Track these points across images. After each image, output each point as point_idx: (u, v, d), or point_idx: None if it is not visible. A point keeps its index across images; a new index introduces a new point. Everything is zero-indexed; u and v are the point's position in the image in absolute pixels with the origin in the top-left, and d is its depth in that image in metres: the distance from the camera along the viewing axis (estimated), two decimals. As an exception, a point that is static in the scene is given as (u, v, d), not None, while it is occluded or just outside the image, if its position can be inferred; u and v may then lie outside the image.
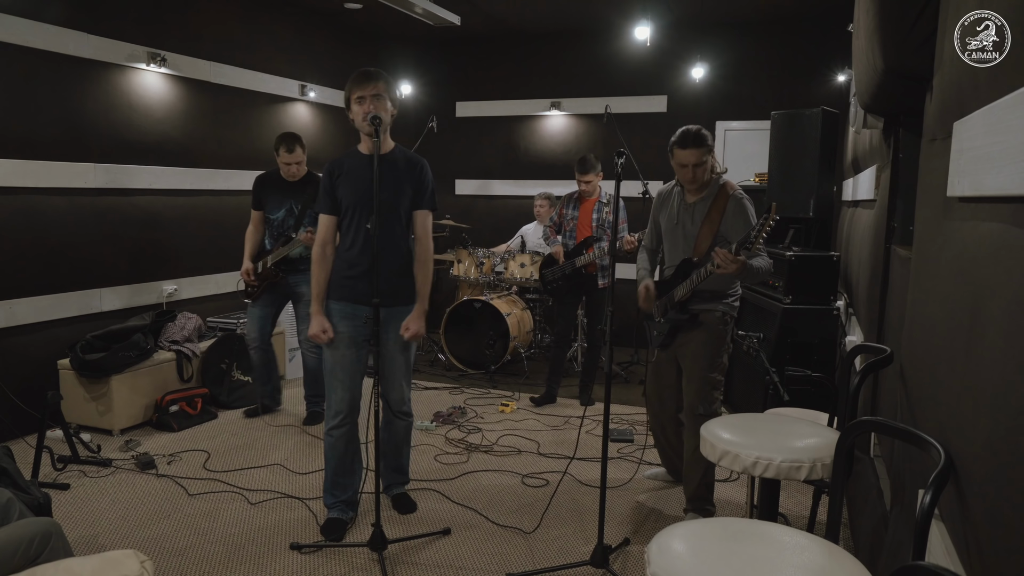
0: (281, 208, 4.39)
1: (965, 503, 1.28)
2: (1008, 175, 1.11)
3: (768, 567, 1.44)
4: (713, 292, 3.09)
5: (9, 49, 3.96)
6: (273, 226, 4.42)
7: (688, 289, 3.06)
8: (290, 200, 4.39)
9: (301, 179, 4.42)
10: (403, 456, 3.33)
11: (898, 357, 2.15)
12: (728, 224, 3.03)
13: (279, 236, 4.41)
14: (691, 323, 3.11)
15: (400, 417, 3.20)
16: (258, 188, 4.43)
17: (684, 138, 3.02)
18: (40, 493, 2.70)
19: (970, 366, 1.31)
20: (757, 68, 6.42)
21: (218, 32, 5.33)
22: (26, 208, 4.12)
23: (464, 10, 6.14)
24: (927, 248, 1.85)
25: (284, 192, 4.39)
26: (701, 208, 3.10)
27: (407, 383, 3.17)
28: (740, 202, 3.03)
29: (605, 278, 4.72)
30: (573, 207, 4.83)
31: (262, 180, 4.45)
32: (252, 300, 4.47)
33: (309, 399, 4.59)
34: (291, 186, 4.40)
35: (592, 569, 2.77)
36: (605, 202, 4.74)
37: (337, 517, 3.09)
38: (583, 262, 4.68)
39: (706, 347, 3.10)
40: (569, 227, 4.83)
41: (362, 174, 2.92)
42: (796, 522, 3.15)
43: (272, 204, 4.39)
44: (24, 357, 4.15)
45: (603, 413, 2.81)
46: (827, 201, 4.43)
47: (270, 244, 4.45)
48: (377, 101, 2.85)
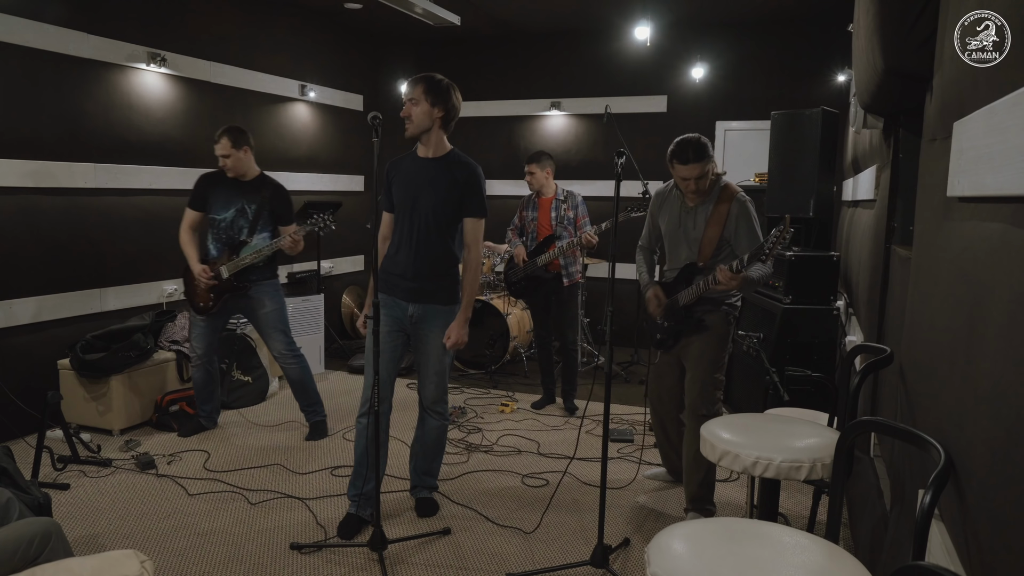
0: (230, 208, 4.01)
1: (965, 503, 1.28)
2: (1008, 175, 1.11)
3: (768, 567, 1.44)
4: (717, 296, 3.10)
5: (9, 49, 3.96)
6: (220, 227, 4.03)
7: (694, 295, 3.06)
8: (241, 200, 4.01)
9: (254, 179, 4.06)
10: (435, 460, 3.33)
11: (898, 357, 2.15)
12: (731, 229, 3.02)
13: (228, 240, 4.04)
14: (696, 326, 3.12)
15: (432, 415, 3.20)
16: (203, 186, 4.03)
17: (683, 152, 2.95)
18: (40, 493, 2.70)
19: (970, 366, 1.31)
20: (757, 68, 6.42)
21: (218, 32, 5.33)
22: (26, 208, 4.12)
23: (464, 10, 6.14)
24: (927, 248, 1.85)
25: (234, 191, 4.02)
26: (703, 211, 3.09)
27: (441, 381, 3.15)
28: (744, 206, 3.02)
29: (569, 276, 4.70)
30: (532, 208, 4.85)
31: (208, 178, 4.06)
32: (206, 314, 4.06)
33: (305, 410, 4.28)
34: (242, 186, 4.03)
35: (592, 569, 2.77)
36: (562, 199, 4.76)
37: (354, 513, 3.09)
38: (544, 260, 4.67)
39: (709, 349, 3.11)
40: (530, 228, 4.84)
41: (412, 177, 3.05)
42: (796, 522, 3.15)
43: (219, 204, 4.01)
44: (24, 357, 4.15)
45: (603, 413, 2.81)
46: (827, 201, 4.43)
47: (216, 249, 4.06)
48: (413, 106, 3.00)
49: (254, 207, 4.03)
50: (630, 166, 5.60)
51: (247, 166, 4.04)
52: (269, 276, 4.12)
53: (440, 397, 3.18)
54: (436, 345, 3.09)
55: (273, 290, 4.13)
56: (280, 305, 4.16)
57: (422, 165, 3.05)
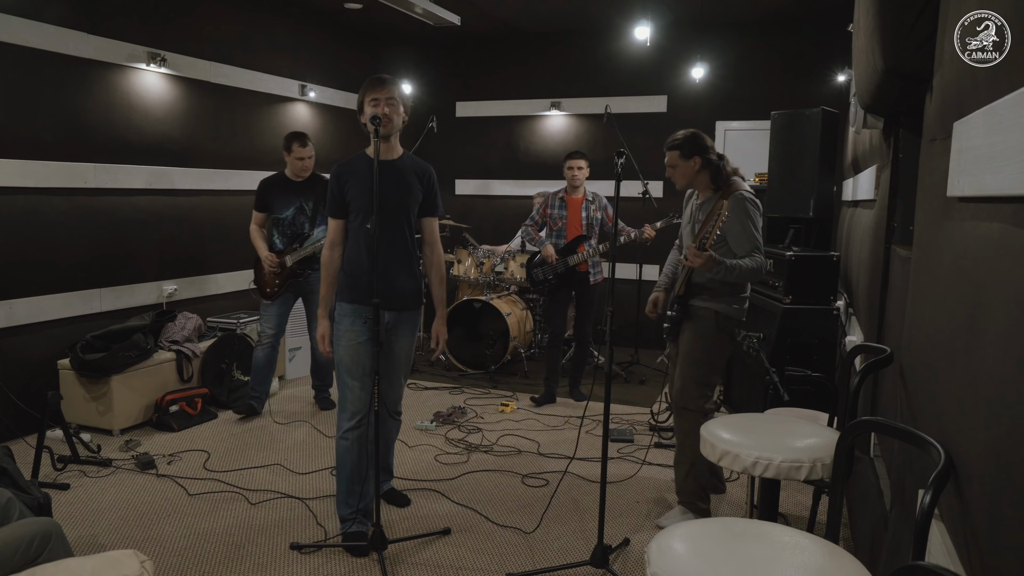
0: (290, 207, 4.50)
1: (965, 503, 1.28)
2: (1008, 175, 1.11)
3: (768, 567, 1.44)
4: (707, 289, 3.08)
5: (9, 49, 3.96)
6: (283, 224, 4.53)
7: (681, 282, 3.13)
8: (299, 199, 4.51)
9: (307, 178, 4.55)
10: (391, 454, 3.43)
11: (898, 357, 2.15)
12: (727, 224, 3.03)
13: (292, 235, 4.53)
14: (686, 317, 3.16)
15: (395, 417, 3.25)
16: (264, 191, 4.53)
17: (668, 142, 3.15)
18: (40, 493, 2.70)
19: (970, 366, 1.31)
20: (757, 68, 6.42)
21: (218, 32, 5.33)
22: (26, 208, 4.12)
23: (464, 10, 6.14)
24: (927, 248, 1.85)
25: (291, 192, 4.51)
26: (707, 207, 3.12)
27: (404, 383, 3.27)
28: (740, 202, 3.01)
29: (597, 275, 4.82)
30: (560, 207, 4.89)
31: (268, 183, 4.55)
32: (272, 300, 4.54)
33: (316, 387, 4.88)
34: (297, 186, 4.52)
35: (592, 569, 2.77)
36: (591, 200, 4.84)
37: (358, 531, 2.98)
38: (575, 261, 4.74)
39: (694, 343, 3.11)
40: (557, 226, 4.89)
41: (368, 177, 2.92)
42: (796, 522, 3.15)
43: (279, 204, 4.50)
44: (24, 357, 4.15)
45: (603, 413, 2.81)
46: (827, 201, 4.43)
47: (281, 242, 4.54)
48: (391, 105, 2.89)
49: (311, 203, 4.54)
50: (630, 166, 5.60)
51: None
52: None
53: (401, 398, 3.26)
54: (407, 349, 3.11)
55: None
56: None
57: (385, 167, 2.89)
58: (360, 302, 2.95)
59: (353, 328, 2.95)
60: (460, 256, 6.12)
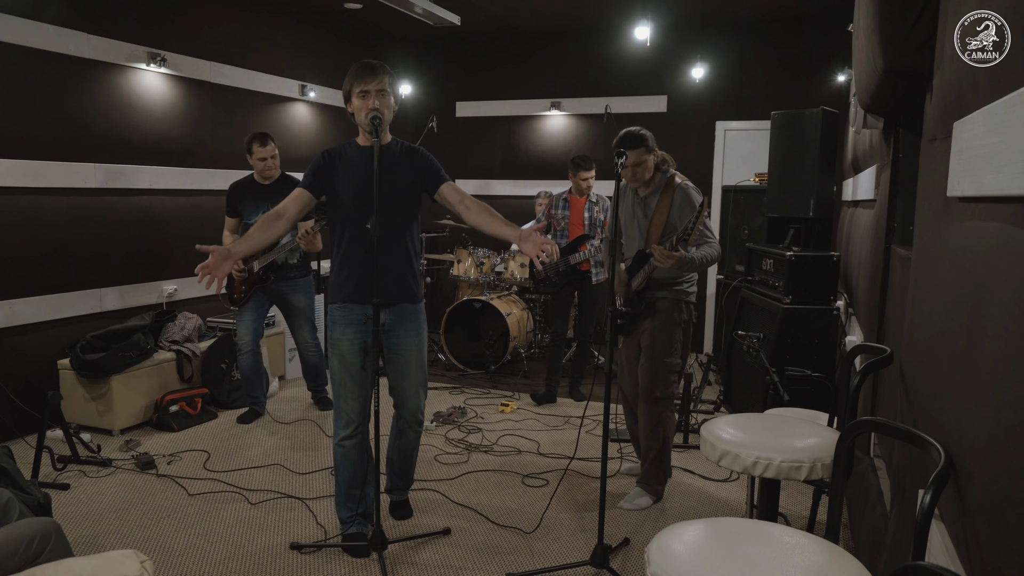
0: (258, 212, 4.25)
1: (965, 503, 1.28)
2: (1008, 175, 1.11)
3: (768, 567, 1.44)
4: (665, 280, 3.25)
5: (9, 49, 3.96)
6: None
7: (642, 279, 3.24)
8: (266, 203, 4.18)
9: (276, 181, 4.39)
10: (411, 464, 3.20)
11: (898, 357, 2.15)
12: (676, 214, 3.21)
13: None
14: (647, 310, 3.27)
15: (414, 428, 3.05)
16: (232, 195, 4.41)
17: (622, 140, 3.19)
18: (40, 493, 2.70)
19: (970, 366, 1.31)
20: (757, 68, 6.42)
21: (218, 32, 5.33)
22: (26, 208, 4.12)
23: (464, 10, 6.14)
24: (927, 248, 1.85)
25: (259, 196, 4.33)
26: (651, 201, 3.28)
27: (423, 390, 3.02)
28: (686, 192, 3.22)
29: (599, 275, 4.87)
30: (563, 207, 4.97)
31: (236, 187, 4.43)
32: (239, 306, 4.43)
33: (313, 389, 4.88)
34: (265, 189, 4.35)
35: (592, 569, 2.77)
36: (595, 201, 4.90)
37: (358, 531, 2.94)
38: (577, 260, 4.76)
39: (660, 332, 3.26)
40: (560, 226, 4.96)
41: (362, 171, 2.76)
42: (796, 522, 3.15)
43: (248, 209, 4.34)
44: (24, 357, 4.15)
45: (603, 413, 2.81)
46: (827, 201, 4.43)
47: None
48: (382, 97, 2.70)
49: None
50: (630, 166, 5.61)
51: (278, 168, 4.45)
52: (304, 274, 4.61)
53: (422, 406, 3.03)
54: (415, 353, 2.92)
55: (307, 286, 4.64)
56: (311, 300, 4.68)
57: (385, 153, 2.72)
58: (350, 301, 2.83)
59: (344, 336, 2.83)
60: (460, 256, 6.11)
